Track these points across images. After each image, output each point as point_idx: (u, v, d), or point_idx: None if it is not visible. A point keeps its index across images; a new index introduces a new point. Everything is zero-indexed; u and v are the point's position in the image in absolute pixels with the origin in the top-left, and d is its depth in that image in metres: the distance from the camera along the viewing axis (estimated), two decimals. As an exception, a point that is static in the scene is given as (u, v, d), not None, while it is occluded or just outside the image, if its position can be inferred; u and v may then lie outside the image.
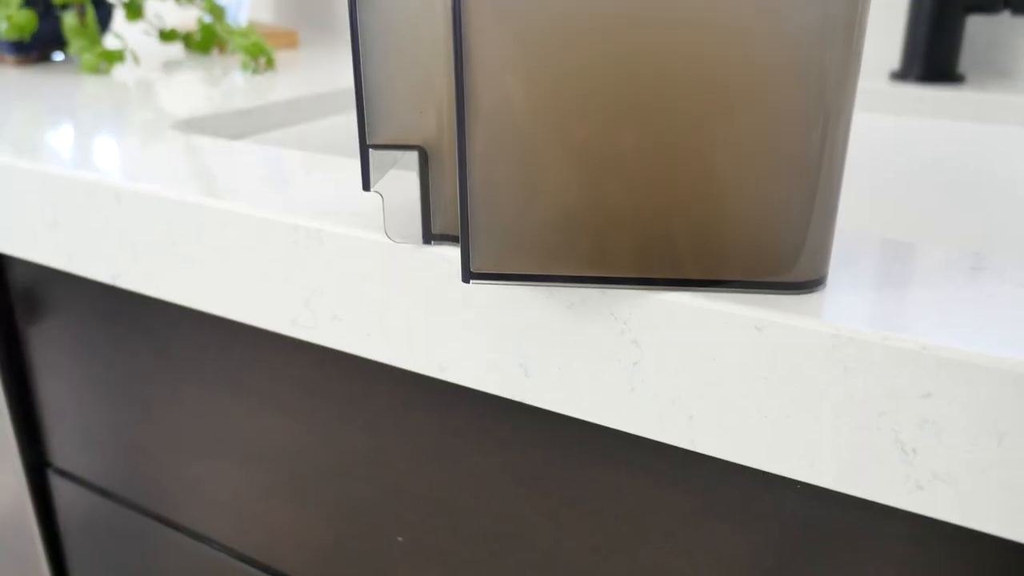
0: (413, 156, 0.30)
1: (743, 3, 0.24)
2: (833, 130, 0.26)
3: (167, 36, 0.84)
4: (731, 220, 0.26)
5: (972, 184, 0.62)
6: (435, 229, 0.30)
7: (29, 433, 0.58)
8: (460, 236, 0.27)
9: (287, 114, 0.59)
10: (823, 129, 0.25)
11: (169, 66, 0.77)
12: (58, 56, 0.82)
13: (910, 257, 0.30)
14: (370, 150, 0.30)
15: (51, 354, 0.54)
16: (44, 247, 0.44)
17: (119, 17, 1.10)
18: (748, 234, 0.27)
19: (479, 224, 0.27)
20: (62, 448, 0.57)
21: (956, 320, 0.25)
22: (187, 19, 1.02)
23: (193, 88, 0.65)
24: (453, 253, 0.30)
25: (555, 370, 0.30)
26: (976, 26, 0.68)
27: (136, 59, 0.75)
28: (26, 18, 0.71)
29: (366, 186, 0.30)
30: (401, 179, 0.31)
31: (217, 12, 0.78)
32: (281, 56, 0.82)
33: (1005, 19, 0.67)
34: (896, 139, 0.64)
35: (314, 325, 0.35)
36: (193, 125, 0.53)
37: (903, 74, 0.66)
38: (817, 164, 0.26)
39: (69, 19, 0.73)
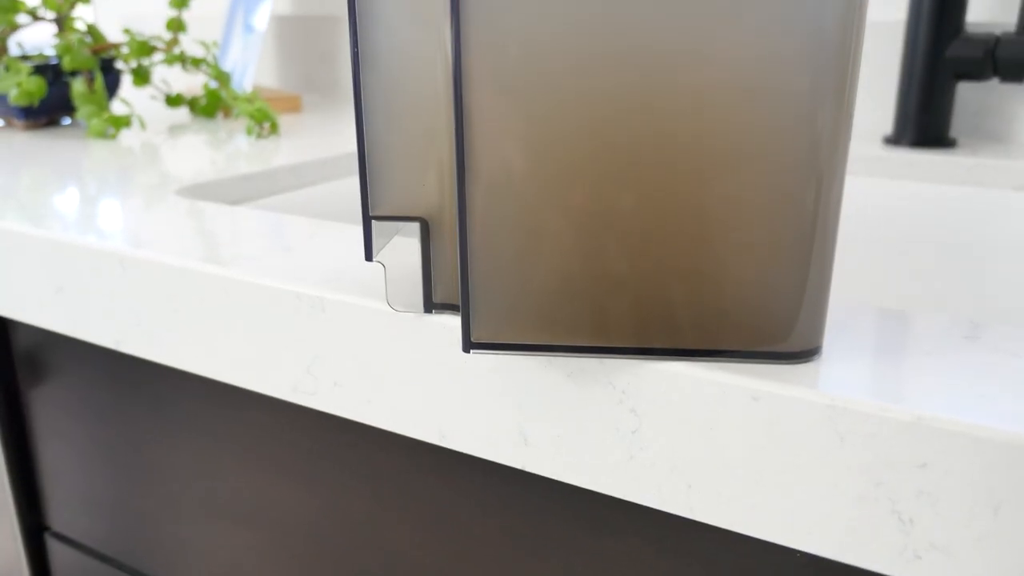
0: (415, 224, 0.30)
1: (736, 70, 0.25)
2: (826, 193, 0.26)
3: (173, 101, 0.85)
4: (727, 286, 0.27)
5: (965, 247, 0.62)
6: (436, 298, 0.31)
7: (28, 496, 0.58)
8: (461, 307, 0.28)
9: (290, 179, 0.60)
10: (816, 192, 0.26)
11: (175, 130, 0.78)
12: (66, 120, 0.83)
13: (905, 326, 0.30)
14: (372, 221, 0.30)
15: (52, 418, 0.54)
16: (49, 312, 0.45)
17: (126, 82, 1.12)
18: (744, 302, 0.27)
19: (479, 295, 0.28)
20: (61, 512, 0.57)
21: (950, 390, 0.25)
22: (193, 84, 1.04)
23: (198, 152, 0.67)
24: (454, 322, 0.31)
25: (555, 438, 0.30)
26: (967, 92, 0.70)
27: (142, 124, 0.76)
28: (36, 85, 0.73)
29: (368, 256, 0.30)
30: (403, 246, 0.32)
31: (223, 79, 0.79)
32: (285, 120, 0.83)
33: (995, 85, 0.69)
34: (890, 203, 0.65)
35: (315, 391, 0.35)
36: (197, 191, 0.54)
37: (896, 139, 0.68)
38: (811, 227, 0.26)
39: (78, 85, 0.75)
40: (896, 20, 0.71)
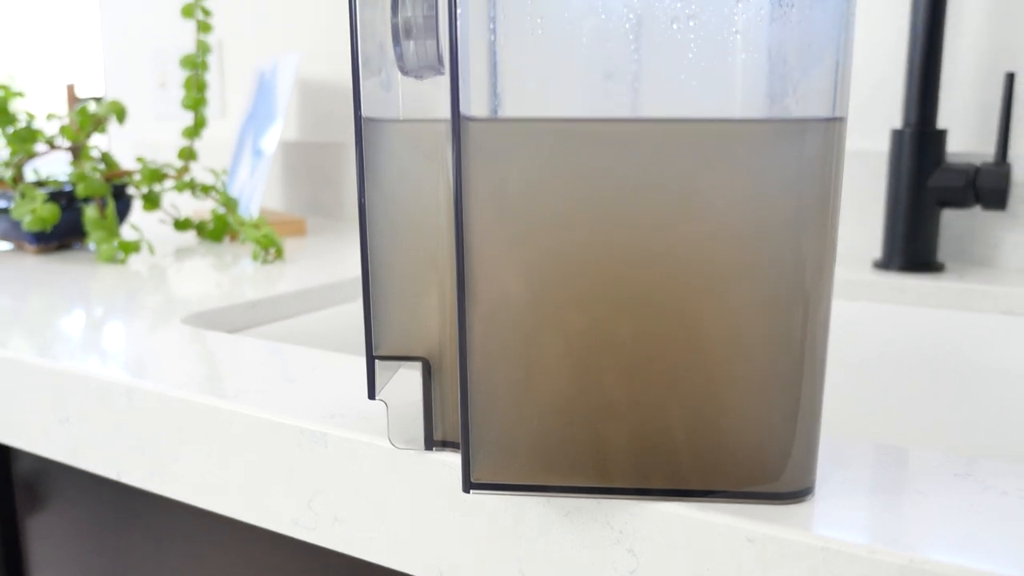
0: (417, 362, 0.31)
1: (725, 207, 0.27)
2: (814, 315, 0.27)
3: (181, 225, 0.88)
4: (721, 415, 0.28)
5: (956, 372, 0.63)
6: (437, 436, 0.32)
7: (18, 628, 0.57)
8: (461, 448, 0.28)
9: (294, 304, 0.62)
10: (804, 314, 0.27)
11: (182, 253, 0.80)
12: (76, 243, 0.85)
13: (897, 462, 0.31)
14: (376, 361, 0.31)
15: (49, 546, 0.53)
16: (53, 441, 0.45)
17: (136, 207, 1.15)
18: (738, 432, 0.28)
19: (479, 434, 0.28)
20: (50, 645, 0.55)
21: (943, 531, 0.26)
22: (201, 208, 1.07)
23: (205, 276, 0.68)
24: (454, 459, 0.31)
25: (553, 577, 0.30)
26: (952, 217, 0.72)
27: (151, 249, 0.78)
28: (50, 211, 0.75)
29: (371, 395, 0.31)
30: (406, 380, 0.32)
31: (231, 205, 0.82)
32: (289, 243, 0.85)
33: (978, 211, 0.71)
34: (881, 327, 0.66)
35: (315, 526, 0.36)
36: (203, 318, 0.55)
37: (885, 263, 0.69)
38: (800, 349, 0.27)
39: (90, 211, 0.77)
40: (881, 150, 0.74)
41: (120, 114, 0.85)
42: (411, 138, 0.31)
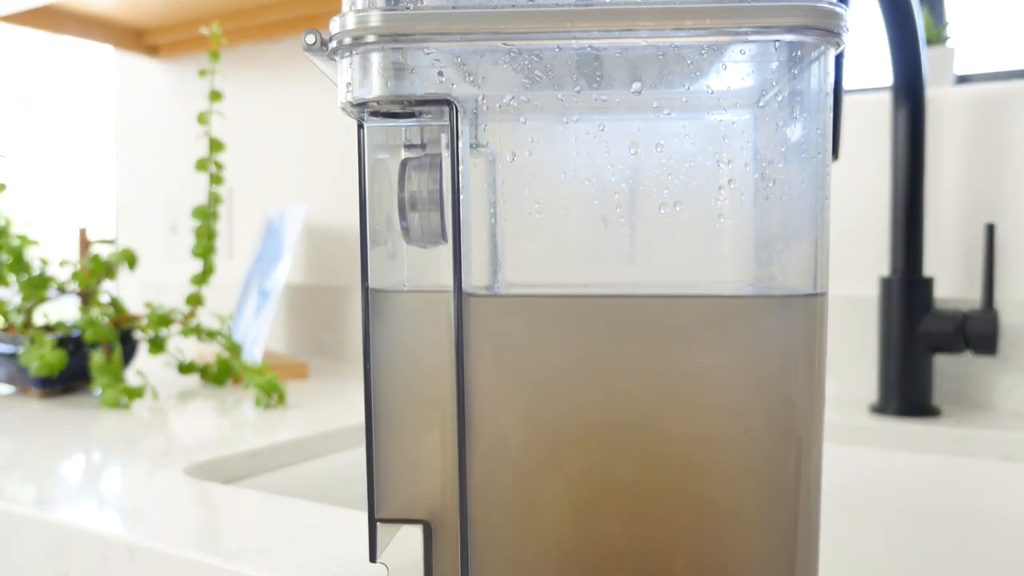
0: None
1: (715, 370, 0.28)
2: (807, 456, 0.28)
3: (186, 369, 0.89)
4: (716, 568, 0.28)
5: (956, 518, 0.63)
6: (437, 600, 0.32)
7: None
8: (461, 616, 0.28)
9: (296, 453, 0.62)
10: (797, 455, 0.28)
11: (184, 396, 0.81)
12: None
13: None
14: (378, 523, 0.32)
15: None
16: (49, 599, 0.45)
17: (142, 349, 1.16)
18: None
19: (479, 601, 0.29)
20: None
21: None
22: (205, 350, 1.08)
23: (207, 421, 0.69)
24: (454, 624, 0.31)
25: None
26: (947, 362, 0.73)
27: (155, 394, 0.79)
28: (57, 358, 0.76)
29: (373, 558, 0.32)
30: (407, 538, 0.33)
31: (235, 350, 0.83)
32: (291, 387, 0.86)
33: (972, 355, 0.72)
34: (879, 473, 0.66)
35: None
36: (204, 469, 0.55)
37: (882, 408, 0.70)
38: (795, 492, 0.28)
39: (97, 357, 0.79)
40: (870, 295, 0.76)
41: (131, 261, 0.88)
42: (415, 305, 0.33)
